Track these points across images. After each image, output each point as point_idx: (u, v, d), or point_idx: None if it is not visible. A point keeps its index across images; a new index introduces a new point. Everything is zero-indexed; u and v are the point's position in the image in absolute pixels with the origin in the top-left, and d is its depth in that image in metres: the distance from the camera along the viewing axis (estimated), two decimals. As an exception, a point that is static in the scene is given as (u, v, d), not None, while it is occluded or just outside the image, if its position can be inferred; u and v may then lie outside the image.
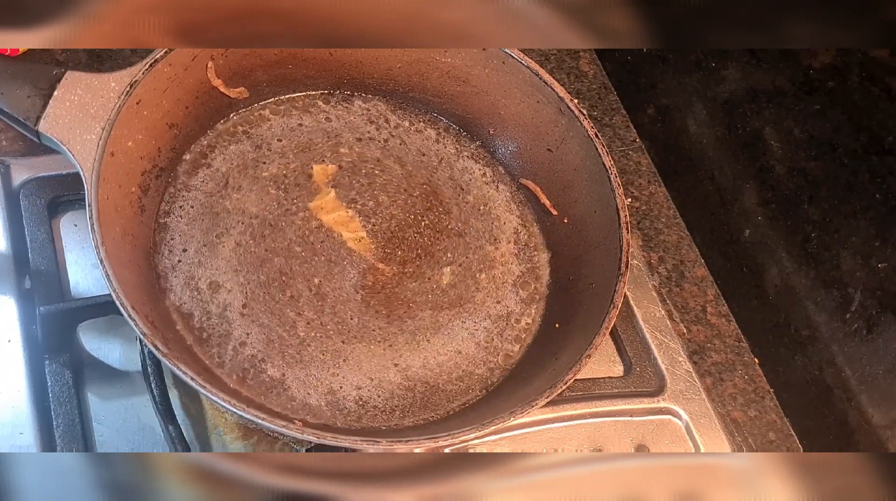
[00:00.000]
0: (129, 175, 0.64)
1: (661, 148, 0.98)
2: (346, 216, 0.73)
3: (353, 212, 0.73)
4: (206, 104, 0.71)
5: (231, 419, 0.68)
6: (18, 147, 0.76)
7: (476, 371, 0.69)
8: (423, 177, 0.76)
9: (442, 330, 0.70)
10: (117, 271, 0.56)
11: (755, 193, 0.88)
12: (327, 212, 0.73)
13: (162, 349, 0.55)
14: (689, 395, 0.79)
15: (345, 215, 0.73)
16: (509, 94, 0.76)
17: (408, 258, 0.72)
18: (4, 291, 0.69)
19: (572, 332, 0.67)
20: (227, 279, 0.67)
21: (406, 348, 0.68)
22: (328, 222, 0.72)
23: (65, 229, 0.73)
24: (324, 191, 0.74)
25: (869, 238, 0.77)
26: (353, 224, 0.73)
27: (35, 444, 0.63)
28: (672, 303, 0.86)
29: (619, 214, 0.69)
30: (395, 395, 0.66)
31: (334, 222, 0.72)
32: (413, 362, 0.68)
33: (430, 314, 0.70)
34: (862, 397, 0.79)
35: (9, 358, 0.66)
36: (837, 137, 0.79)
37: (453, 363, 0.69)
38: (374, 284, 0.70)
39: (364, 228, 0.73)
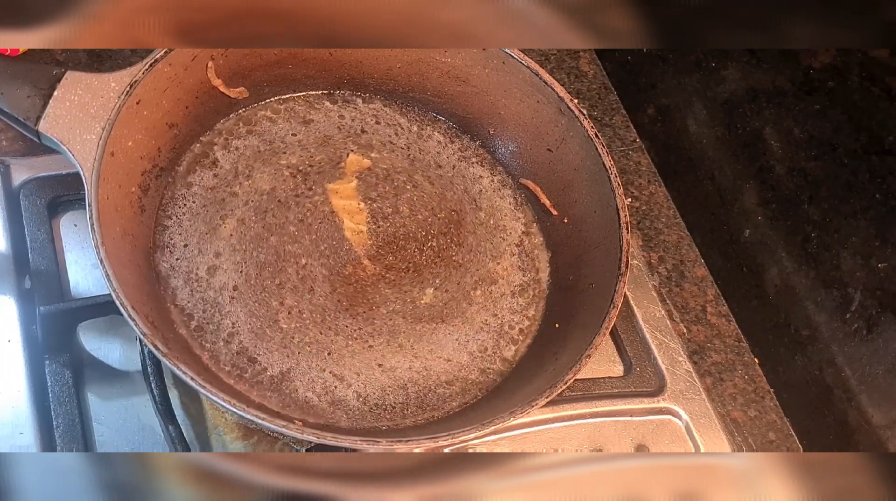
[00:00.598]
0: (129, 175, 0.64)
1: (661, 148, 0.98)
2: (356, 208, 0.73)
3: (366, 207, 0.73)
4: (206, 104, 0.71)
5: (231, 419, 0.68)
6: (18, 147, 0.76)
7: (469, 376, 0.68)
8: (454, 203, 0.75)
9: (425, 339, 0.69)
10: (117, 271, 0.56)
11: (755, 193, 0.88)
12: (340, 197, 0.73)
13: (162, 349, 0.55)
14: (689, 395, 0.79)
15: (355, 205, 0.73)
16: (509, 94, 0.76)
17: (395, 266, 0.71)
18: (4, 291, 0.69)
19: (572, 332, 0.67)
20: (224, 260, 0.67)
21: (387, 349, 0.68)
22: (336, 207, 0.72)
23: (65, 229, 0.73)
24: (347, 178, 0.74)
25: (869, 238, 0.77)
26: (358, 216, 0.73)
27: (35, 444, 0.63)
28: (672, 303, 0.86)
29: (619, 214, 0.69)
30: (387, 392, 0.66)
31: (342, 208, 0.72)
32: (397, 364, 0.67)
33: (405, 322, 0.69)
34: (862, 397, 0.79)
35: (9, 358, 0.66)
36: (837, 137, 0.79)
37: (442, 369, 0.68)
38: (348, 275, 0.70)
39: (368, 224, 0.73)
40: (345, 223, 0.72)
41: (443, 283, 0.72)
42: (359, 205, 0.73)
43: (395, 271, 0.71)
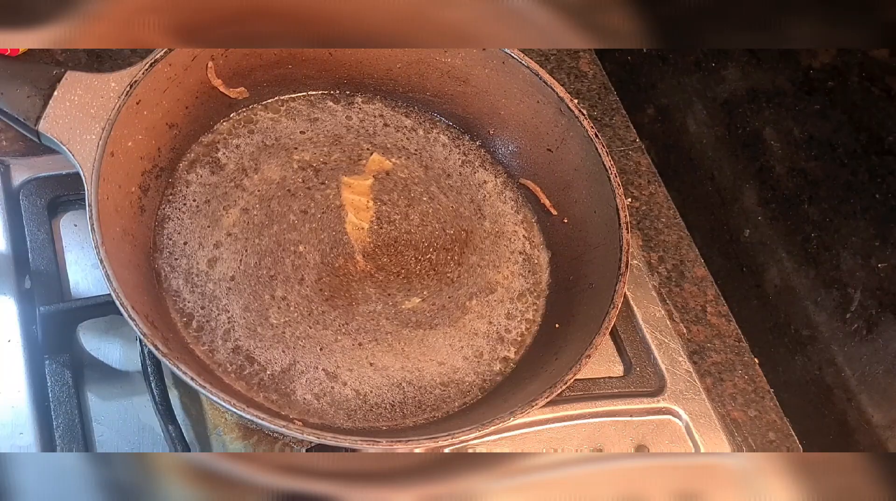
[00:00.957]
0: (129, 175, 0.64)
1: (661, 148, 0.98)
2: (364, 204, 0.73)
3: (374, 207, 0.73)
4: (206, 104, 0.71)
5: (231, 419, 0.68)
6: (18, 147, 0.76)
7: (467, 378, 0.68)
8: (466, 221, 0.75)
9: (416, 342, 0.69)
10: (117, 271, 0.56)
11: (755, 193, 0.88)
12: (352, 191, 0.73)
13: (162, 349, 0.55)
14: (689, 395, 0.79)
15: (364, 202, 0.73)
16: (509, 94, 0.76)
17: (386, 268, 0.71)
18: (4, 291, 0.69)
19: (572, 332, 0.67)
20: (224, 250, 0.68)
21: (377, 348, 0.68)
22: (345, 200, 0.73)
23: (65, 229, 0.73)
24: (364, 175, 0.75)
25: (869, 238, 0.77)
26: (364, 214, 0.73)
27: (35, 444, 0.63)
28: (672, 303, 0.86)
29: (619, 214, 0.69)
30: (384, 391, 0.66)
31: (350, 202, 0.73)
32: (388, 363, 0.67)
33: (389, 323, 0.69)
34: (862, 397, 0.79)
35: (9, 358, 0.66)
36: (837, 137, 0.79)
37: (436, 371, 0.68)
38: (338, 267, 0.70)
39: (371, 223, 0.73)
40: (349, 217, 0.72)
41: (430, 295, 0.71)
42: (368, 203, 0.73)
43: (384, 272, 0.71)
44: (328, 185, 0.73)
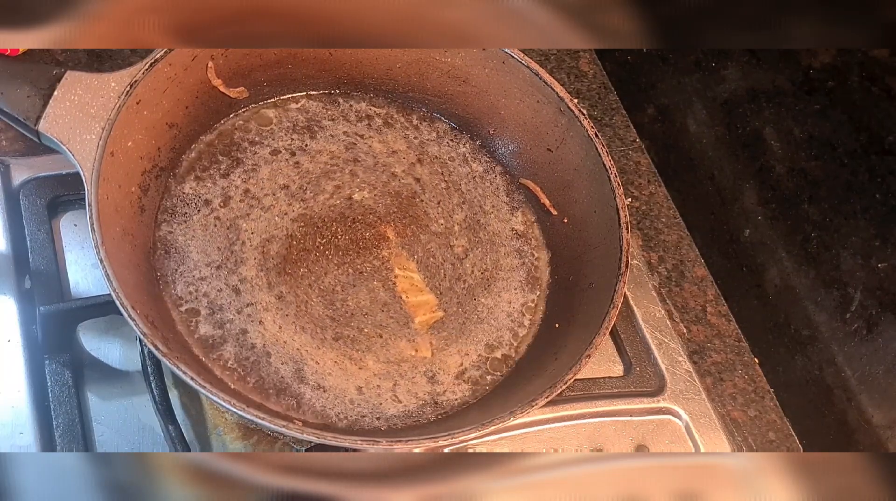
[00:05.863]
0: (129, 175, 0.64)
1: (661, 148, 0.98)
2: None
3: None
4: (206, 104, 0.71)
5: (231, 419, 0.68)
6: (18, 147, 0.76)
7: (466, 377, 0.69)
8: (466, 222, 0.75)
9: (416, 342, 0.69)
10: (117, 271, 0.56)
11: (755, 193, 0.88)
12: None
13: (162, 349, 0.55)
14: (689, 395, 0.79)
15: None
16: (509, 94, 0.76)
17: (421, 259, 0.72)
18: (4, 291, 0.69)
19: (572, 332, 0.67)
20: (224, 250, 0.68)
21: (377, 348, 0.67)
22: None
23: (65, 229, 0.73)
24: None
25: (869, 238, 0.77)
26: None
27: (35, 444, 0.63)
28: (672, 303, 0.86)
29: (619, 214, 0.69)
30: (383, 391, 0.66)
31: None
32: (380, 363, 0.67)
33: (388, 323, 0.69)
34: (862, 397, 0.79)
35: (9, 358, 0.66)
36: (837, 137, 0.79)
37: (433, 371, 0.68)
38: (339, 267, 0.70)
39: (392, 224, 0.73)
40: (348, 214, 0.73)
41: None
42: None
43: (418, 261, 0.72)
44: (328, 184, 0.73)
